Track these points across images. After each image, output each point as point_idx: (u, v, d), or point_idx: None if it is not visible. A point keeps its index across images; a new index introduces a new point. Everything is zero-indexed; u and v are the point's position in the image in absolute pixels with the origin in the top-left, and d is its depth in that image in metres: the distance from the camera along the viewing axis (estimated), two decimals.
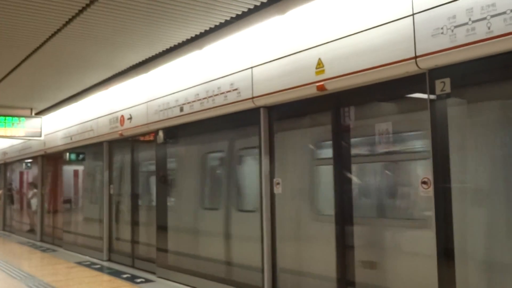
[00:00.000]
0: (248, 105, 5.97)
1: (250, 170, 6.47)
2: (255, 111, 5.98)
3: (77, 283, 7.54)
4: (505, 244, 3.87)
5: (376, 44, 4.39)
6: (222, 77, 6.35)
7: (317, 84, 4.96)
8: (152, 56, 6.87)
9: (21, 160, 15.95)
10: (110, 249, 9.97)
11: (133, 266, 8.97)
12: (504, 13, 3.48)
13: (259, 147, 5.95)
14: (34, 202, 14.75)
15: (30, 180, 15.55)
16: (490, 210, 3.95)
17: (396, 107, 4.85)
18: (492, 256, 3.94)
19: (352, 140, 5.10)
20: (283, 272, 5.79)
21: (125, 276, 8.06)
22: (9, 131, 11.22)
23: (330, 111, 5.18)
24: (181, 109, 7.16)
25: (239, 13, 5.19)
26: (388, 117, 4.83)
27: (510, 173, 3.86)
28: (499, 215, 3.92)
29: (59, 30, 5.66)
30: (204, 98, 6.68)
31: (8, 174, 17.96)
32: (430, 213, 4.10)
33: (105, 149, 10.13)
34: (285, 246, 5.80)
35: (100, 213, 10.27)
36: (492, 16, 3.55)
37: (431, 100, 4.07)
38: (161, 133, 7.73)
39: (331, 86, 4.87)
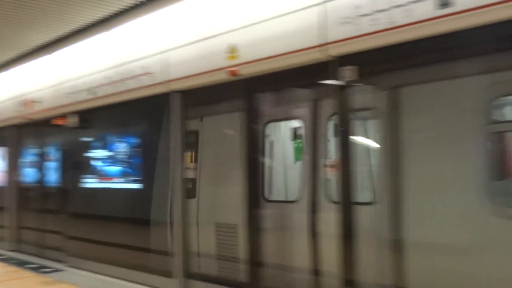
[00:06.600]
0: (162, 88, 5.86)
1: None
2: (169, 95, 5.88)
3: None
4: None
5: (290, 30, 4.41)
6: (136, 60, 6.17)
7: (230, 69, 4.94)
8: (60, 36, 6.58)
9: None
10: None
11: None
12: None
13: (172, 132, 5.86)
14: None
15: None
16: None
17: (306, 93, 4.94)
18: None
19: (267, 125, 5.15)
20: None
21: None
22: None
23: (243, 97, 5.19)
24: (93, 92, 6.88)
25: None
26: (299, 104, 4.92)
27: None
28: None
29: None
30: (117, 81, 6.46)
31: None
32: None
33: (11, 135, 9.58)
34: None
35: None
36: None
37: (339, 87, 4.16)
38: (71, 117, 7.42)
39: (244, 72, 4.87)
